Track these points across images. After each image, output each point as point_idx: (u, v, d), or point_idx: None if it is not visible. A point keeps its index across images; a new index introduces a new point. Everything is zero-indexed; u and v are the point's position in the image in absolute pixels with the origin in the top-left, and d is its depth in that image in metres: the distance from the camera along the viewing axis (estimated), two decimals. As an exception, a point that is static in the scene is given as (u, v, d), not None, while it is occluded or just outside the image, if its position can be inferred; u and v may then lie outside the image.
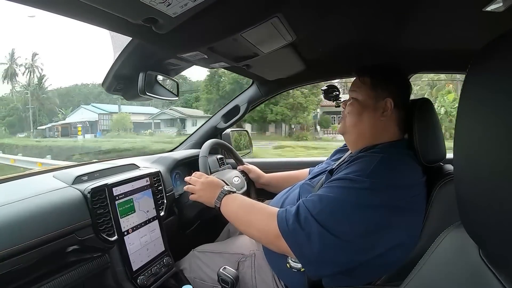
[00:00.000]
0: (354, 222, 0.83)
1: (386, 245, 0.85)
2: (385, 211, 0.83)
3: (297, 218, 0.86)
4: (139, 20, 0.69)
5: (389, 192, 0.85)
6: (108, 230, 1.00)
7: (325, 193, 0.88)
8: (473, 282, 0.44)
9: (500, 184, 0.37)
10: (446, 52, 1.31)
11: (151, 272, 1.11)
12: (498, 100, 0.37)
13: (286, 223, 0.87)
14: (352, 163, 0.93)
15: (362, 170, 0.87)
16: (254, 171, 1.63)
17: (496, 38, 0.40)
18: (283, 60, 1.30)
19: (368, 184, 0.84)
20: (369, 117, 1.02)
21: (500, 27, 0.38)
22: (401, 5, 0.89)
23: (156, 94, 1.16)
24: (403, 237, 0.88)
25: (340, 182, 0.89)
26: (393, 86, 1.03)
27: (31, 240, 0.80)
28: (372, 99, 1.02)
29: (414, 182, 0.91)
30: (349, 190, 0.85)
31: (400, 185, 0.87)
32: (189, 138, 1.91)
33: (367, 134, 1.03)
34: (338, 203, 0.84)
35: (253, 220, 0.98)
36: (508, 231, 0.37)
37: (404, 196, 0.87)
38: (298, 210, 0.87)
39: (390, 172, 0.88)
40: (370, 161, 0.89)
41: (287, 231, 0.86)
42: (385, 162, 0.89)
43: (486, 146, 0.39)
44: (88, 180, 1.06)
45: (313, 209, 0.85)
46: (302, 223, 0.85)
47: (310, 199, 0.89)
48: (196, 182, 1.15)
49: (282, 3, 0.77)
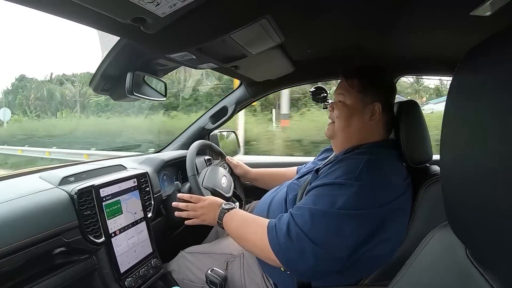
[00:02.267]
0: (345, 235, 0.84)
1: (375, 241, 0.87)
2: (374, 214, 0.85)
3: (289, 234, 0.85)
4: (127, 20, 0.68)
5: (377, 194, 0.86)
6: (95, 232, 0.99)
7: (314, 204, 0.87)
8: (460, 282, 0.45)
9: (486, 185, 0.38)
10: (433, 55, 1.33)
11: (139, 274, 1.10)
12: (484, 102, 0.38)
13: (277, 240, 0.87)
14: (339, 165, 0.94)
15: (350, 173, 0.88)
16: (241, 167, 1.63)
17: (482, 41, 0.41)
18: (271, 61, 1.31)
19: (356, 188, 0.84)
20: (358, 121, 1.04)
21: (487, 31, 0.40)
22: (389, 9, 0.90)
23: (143, 95, 1.16)
24: (390, 234, 0.90)
25: (328, 189, 0.89)
26: (380, 89, 1.04)
27: (17, 242, 0.78)
28: (360, 103, 1.03)
29: (401, 182, 0.92)
30: (338, 198, 0.85)
31: (387, 186, 0.88)
32: (177, 139, 1.90)
33: (354, 137, 1.05)
34: (329, 217, 0.84)
35: (249, 238, 0.97)
36: (494, 231, 0.38)
37: (392, 196, 0.88)
38: (289, 227, 0.87)
39: (377, 174, 0.89)
40: (357, 163, 0.90)
41: (279, 249, 0.86)
42: (371, 164, 0.89)
43: (472, 147, 0.40)
44: (75, 181, 1.04)
45: (304, 225, 0.85)
46: (294, 240, 0.84)
47: (300, 213, 0.88)
48: (196, 207, 1.13)
49: (271, 5, 0.77)
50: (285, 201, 1.09)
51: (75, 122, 18.33)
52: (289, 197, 1.08)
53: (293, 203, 1.05)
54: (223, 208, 1.07)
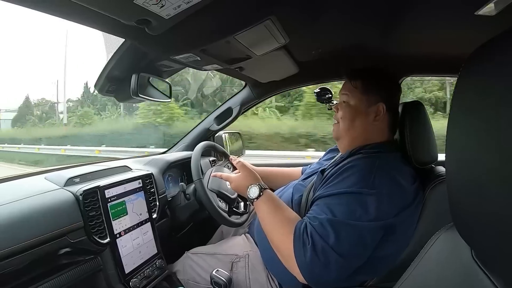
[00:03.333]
0: (367, 245, 0.84)
1: (384, 244, 0.88)
2: (391, 222, 0.85)
3: (314, 249, 0.82)
4: (132, 22, 0.69)
5: (393, 202, 0.86)
6: (100, 233, 0.99)
7: (334, 215, 0.85)
8: (465, 283, 0.44)
9: (491, 186, 0.37)
10: (438, 55, 1.32)
11: (143, 274, 1.11)
12: (489, 103, 0.38)
13: (303, 256, 0.83)
14: (350, 171, 0.92)
15: (364, 180, 0.87)
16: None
17: (488, 41, 0.40)
18: (276, 62, 1.31)
19: (374, 197, 0.84)
20: (362, 122, 1.04)
21: (492, 31, 0.39)
22: (393, 8, 0.90)
23: (148, 96, 1.16)
24: (399, 236, 0.90)
25: (345, 198, 0.87)
26: (384, 90, 1.04)
27: (23, 243, 0.79)
28: (364, 104, 1.03)
29: (412, 186, 0.92)
30: (357, 208, 0.84)
31: (401, 192, 0.89)
32: (182, 140, 1.90)
33: (360, 137, 1.04)
34: (351, 228, 0.83)
35: (274, 239, 0.93)
36: (499, 233, 0.37)
37: (406, 202, 0.89)
38: (314, 240, 0.83)
39: (391, 181, 0.88)
40: (368, 170, 0.89)
41: (305, 264, 0.83)
42: (383, 170, 0.89)
43: (478, 149, 0.40)
44: (80, 182, 1.05)
45: (328, 238, 0.82)
46: (319, 253, 0.82)
47: (320, 224, 0.85)
48: (229, 178, 1.12)
49: (275, 6, 0.77)
50: (291, 201, 1.09)
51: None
52: (295, 198, 1.08)
53: (299, 204, 1.04)
54: (249, 198, 1.01)
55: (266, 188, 1.02)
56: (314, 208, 0.92)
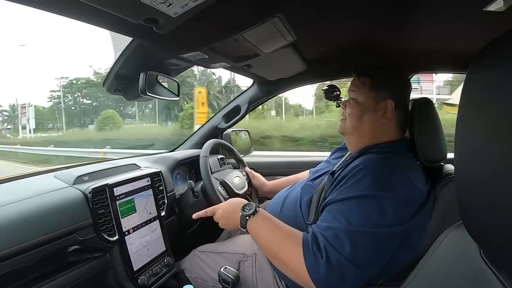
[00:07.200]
0: (384, 252, 0.82)
1: (400, 249, 0.86)
2: (407, 227, 0.83)
3: (329, 262, 0.78)
4: (139, 21, 0.69)
5: (409, 206, 0.84)
6: (109, 230, 1.00)
7: (348, 223, 0.81)
8: (474, 282, 0.44)
9: (501, 184, 0.37)
10: (447, 52, 1.30)
11: (152, 272, 1.12)
12: (499, 99, 0.37)
13: (316, 269, 0.79)
14: (362, 172, 0.88)
15: (380, 183, 0.84)
16: (258, 178, 1.62)
17: (497, 37, 0.39)
18: (284, 60, 1.30)
19: (390, 201, 0.81)
20: (370, 119, 1.02)
21: (501, 27, 0.38)
22: (401, 5, 0.88)
23: (156, 94, 1.16)
24: (415, 240, 0.89)
25: (360, 203, 0.83)
26: (393, 87, 1.02)
27: (32, 240, 0.80)
28: (372, 100, 1.01)
29: (424, 186, 0.91)
30: (373, 214, 0.80)
31: (416, 195, 0.87)
32: (190, 138, 1.91)
33: (368, 135, 1.03)
34: (367, 237, 0.79)
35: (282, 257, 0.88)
36: (508, 231, 0.37)
37: (420, 206, 0.87)
38: (327, 252, 0.79)
39: (405, 183, 0.86)
40: (384, 171, 0.87)
41: (319, 277, 0.79)
42: (398, 172, 0.87)
43: (487, 146, 0.39)
44: (89, 180, 1.06)
45: (343, 249, 0.78)
46: (334, 266, 0.78)
47: (334, 234, 0.80)
48: (216, 219, 1.08)
49: (283, 3, 0.77)
50: (300, 202, 1.07)
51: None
52: (304, 199, 1.05)
53: (308, 205, 1.01)
54: (243, 215, 0.96)
55: (258, 206, 0.99)
56: (325, 215, 0.88)
